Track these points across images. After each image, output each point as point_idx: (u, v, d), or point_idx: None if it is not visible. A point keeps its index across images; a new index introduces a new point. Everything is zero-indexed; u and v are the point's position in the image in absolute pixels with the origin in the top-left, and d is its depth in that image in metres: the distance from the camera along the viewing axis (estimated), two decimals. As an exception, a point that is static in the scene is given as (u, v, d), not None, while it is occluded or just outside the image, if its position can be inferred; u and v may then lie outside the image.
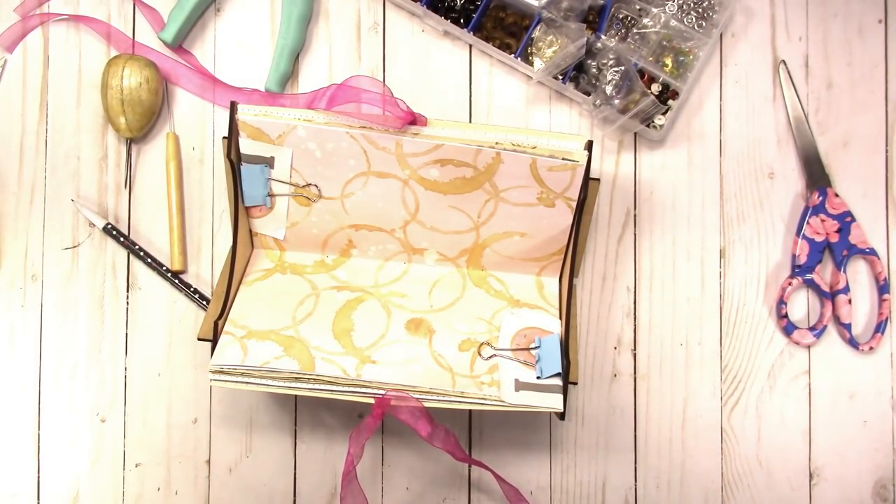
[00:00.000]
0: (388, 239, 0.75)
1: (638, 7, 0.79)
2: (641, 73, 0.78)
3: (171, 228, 0.79)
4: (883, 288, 0.79)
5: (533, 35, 0.78)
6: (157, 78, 0.77)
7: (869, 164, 0.80)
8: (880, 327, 0.79)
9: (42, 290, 0.79)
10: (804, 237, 0.79)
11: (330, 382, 0.66)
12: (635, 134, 0.80)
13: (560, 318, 0.72)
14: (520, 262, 0.75)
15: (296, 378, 0.66)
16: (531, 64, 0.78)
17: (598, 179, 0.72)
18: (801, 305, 0.80)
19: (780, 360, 0.79)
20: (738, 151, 0.80)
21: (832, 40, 0.81)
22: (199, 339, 0.69)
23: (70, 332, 0.79)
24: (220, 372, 0.66)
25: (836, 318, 0.79)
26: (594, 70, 0.78)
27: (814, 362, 0.79)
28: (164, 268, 0.78)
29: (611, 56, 0.77)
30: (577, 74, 0.78)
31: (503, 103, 0.80)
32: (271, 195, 0.73)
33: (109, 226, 0.79)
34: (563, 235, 0.73)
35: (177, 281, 0.78)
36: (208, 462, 0.79)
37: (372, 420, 0.66)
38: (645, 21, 0.78)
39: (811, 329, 0.78)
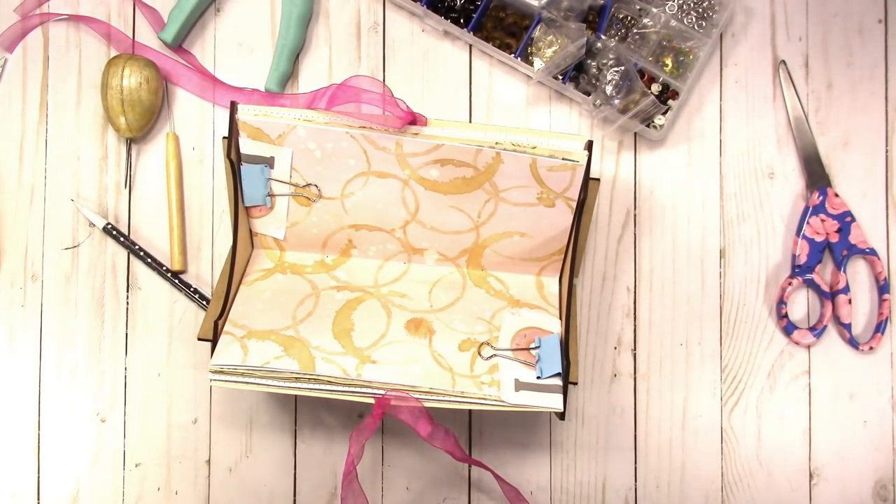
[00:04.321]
0: (388, 239, 0.75)
1: (638, 7, 0.79)
2: (641, 73, 0.78)
3: (171, 228, 0.79)
4: (883, 288, 0.79)
5: (533, 35, 0.78)
6: (157, 78, 0.77)
7: (869, 164, 0.80)
8: (880, 327, 0.79)
9: (42, 290, 0.79)
10: (804, 237, 0.79)
11: (330, 382, 0.66)
12: (635, 134, 0.80)
13: (560, 318, 0.72)
14: (520, 262, 0.75)
15: (296, 378, 0.66)
16: (531, 64, 0.78)
17: (598, 179, 0.72)
18: (801, 305, 0.80)
19: (780, 360, 0.79)
20: (738, 151, 0.80)
21: (832, 40, 0.81)
22: (199, 339, 0.69)
23: (70, 332, 0.79)
24: (220, 372, 0.66)
25: (836, 318, 0.79)
26: (594, 70, 0.78)
27: (814, 362, 0.79)
28: (164, 268, 0.78)
29: (611, 56, 0.77)
30: (577, 74, 0.78)
31: (503, 103, 0.80)
32: (271, 195, 0.73)
33: (109, 226, 0.79)
34: (563, 235, 0.73)
35: (177, 281, 0.78)
36: (208, 462, 0.79)
37: (372, 420, 0.66)
38: (645, 21, 0.78)
39: (811, 329, 0.78)
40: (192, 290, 0.78)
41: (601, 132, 0.80)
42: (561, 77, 0.78)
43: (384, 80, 0.80)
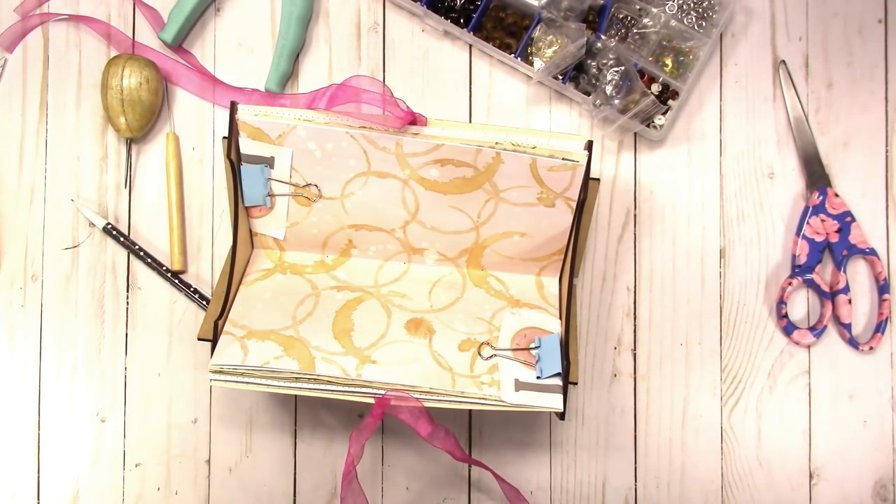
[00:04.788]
0: (388, 239, 0.75)
1: (638, 7, 0.79)
2: (641, 73, 0.78)
3: (171, 228, 0.79)
4: (883, 288, 0.79)
5: (533, 35, 0.78)
6: (157, 78, 0.77)
7: (869, 164, 0.80)
8: (880, 327, 0.79)
9: (42, 290, 0.79)
10: (804, 237, 0.79)
11: (330, 382, 0.66)
12: (635, 134, 0.80)
13: (560, 318, 0.72)
14: (520, 262, 0.75)
15: (296, 378, 0.66)
16: (531, 64, 0.78)
17: (598, 179, 0.72)
18: (801, 305, 0.80)
19: (780, 360, 0.79)
20: (738, 151, 0.80)
21: (832, 40, 0.81)
22: (199, 339, 0.69)
23: (70, 332, 0.79)
24: (220, 372, 0.66)
25: (836, 318, 0.79)
26: (594, 70, 0.78)
27: (814, 362, 0.79)
28: (164, 268, 0.78)
29: (611, 56, 0.77)
30: (577, 74, 0.78)
31: (503, 103, 0.80)
32: (271, 195, 0.73)
33: (109, 226, 0.79)
34: (563, 235, 0.73)
35: (177, 281, 0.78)
36: (208, 462, 0.79)
37: (372, 420, 0.66)
38: (645, 21, 0.78)
39: (811, 329, 0.78)
40: (192, 290, 0.78)
41: (601, 132, 0.80)
42: (561, 77, 0.78)
43: (384, 80, 0.80)
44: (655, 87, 0.78)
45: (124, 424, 0.78)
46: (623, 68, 0.77)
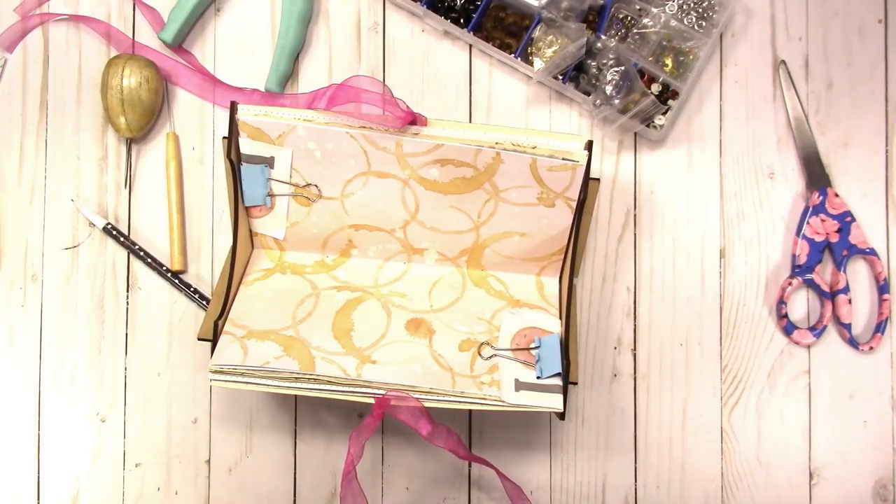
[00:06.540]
0: (388, 239, 0.75)
1: (638, 7, 0.79)
2: (641, 73, 0.78)
3: (171, 228, 0.79)
4: (883, 288, 0.79)
5: (533, 35, 0.78)
6: (157, 78, 0.77)
7: (869, 164, 0.80)
8: (880, 327, 0.79)
9: (42, 290, 0.79)
10: (804, 237, 0.79)
11: (330, 382, 0.66)
12: (635, 134, 0.80)
13: (560, 318, 0.72)
14: (520, 262, 0.75)
15: (296, 378, 0.66)
16: (531, 64, 0.78)
17: (598, 179, 0.72)
18: (801, 305, 0.80)
19: (780, 360, 0.79)
20: (738, 151, 0.80)
21: (832, 40, 0.81)
22: (199, 339, 0.69)
23: (70, 332, 0.79)
24: (220, 372, 0.66)
25: (836, 318, 0.79)
26: (594, 70, 0.78)
27: (814, 362, 0.79)
28: (164, 268, 0.78)
29: (611, 56, 0.77)
30: (577, 74, 0.79)
31: (503, 103, 0.80)
32: (271, 195, 0.73)
33: (109, 226, 0.79)
34: (563, 235, 0.73)
35: (177, 281, 0.78)
36: (208, 462, 0.79)
37: (372, 420, 0.66)
38: (645, 21, 0.78)
39: (811, 329, 0.78)
40: (192, 290, 0.78)
41: (601, 132, 0.80)
42: (561, 77, 0.78)
43: (384, 80, 0.80)
44: (655, 87, 0.78)
45: (124, 424, 0.78)
46: (623, 68, 0.77)
